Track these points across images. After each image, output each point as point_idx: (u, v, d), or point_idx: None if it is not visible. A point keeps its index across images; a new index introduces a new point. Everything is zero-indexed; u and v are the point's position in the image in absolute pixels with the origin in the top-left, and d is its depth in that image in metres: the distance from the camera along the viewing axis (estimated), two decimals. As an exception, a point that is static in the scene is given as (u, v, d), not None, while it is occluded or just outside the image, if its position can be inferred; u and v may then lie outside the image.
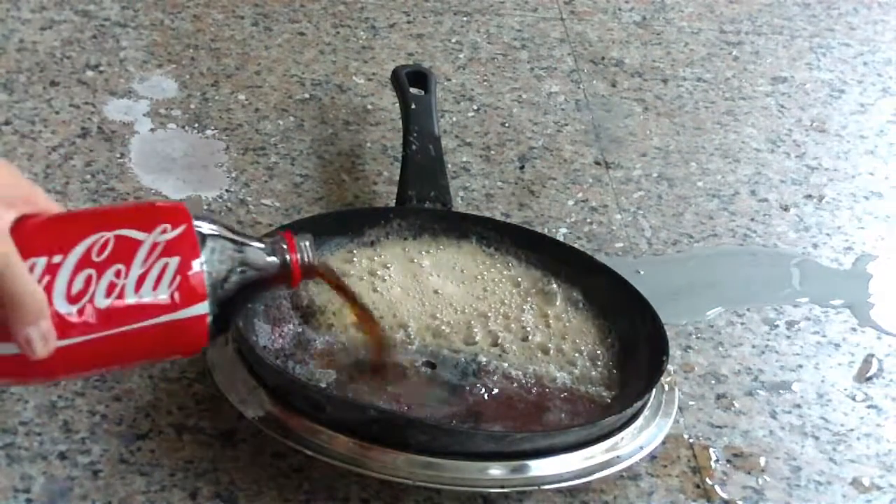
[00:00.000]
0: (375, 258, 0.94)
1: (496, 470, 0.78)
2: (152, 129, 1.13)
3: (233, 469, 0.80)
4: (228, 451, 0.81)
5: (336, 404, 0.80)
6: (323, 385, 0.83)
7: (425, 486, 0.79)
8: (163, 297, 0.66)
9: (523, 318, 0.91)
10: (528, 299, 0.93)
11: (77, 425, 0.82)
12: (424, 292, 0.92)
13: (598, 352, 0.90)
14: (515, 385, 0.86)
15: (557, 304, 0.93)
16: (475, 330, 0.89)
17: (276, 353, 0.86)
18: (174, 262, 0.66)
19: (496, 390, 0.85)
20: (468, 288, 0.93)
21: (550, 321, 0.91)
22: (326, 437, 0.78)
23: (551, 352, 0.89)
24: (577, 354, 0.89)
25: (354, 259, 0.94)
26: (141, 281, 0.66)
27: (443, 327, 0.89)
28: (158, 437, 0.82)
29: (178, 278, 0.66)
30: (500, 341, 0.89)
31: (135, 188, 1.05)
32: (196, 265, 0.67)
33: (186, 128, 1.14)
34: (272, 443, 0.80)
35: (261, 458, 0.81)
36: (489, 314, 0.91)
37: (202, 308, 0.67)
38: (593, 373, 0.88)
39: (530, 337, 0.89)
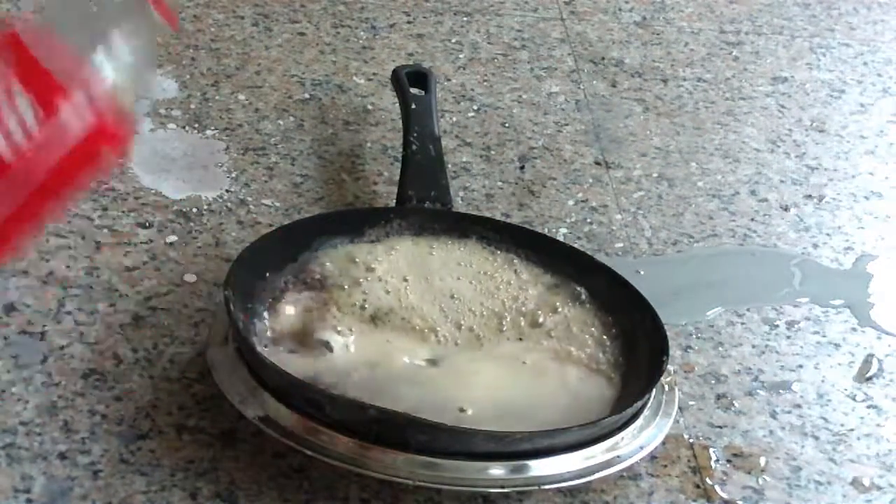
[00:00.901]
0: (378, 257, 0.94)
1: (496, 470, 0.79)
2: (152, 129, 1.14)
3: (233, 469, 0.80)
4: (229, 450, 0.81)
5: (336, 404, 0.80)
6: (323, 385, 0.83)
7: (425, 486, 0.79)
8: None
9: (529, 313, 0.91)
10: (533, 297, 0.93)
11: (77, 425, 0.82)
12: (431, 291, 0.92)
13: (605, 337, 0.90)
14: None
15: (560, 298, 0.93)
16: (483, 337, 0.90)
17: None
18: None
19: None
20: (474, 287, 0.93)
21: (558, 311, 0.92)
22: (327, 437, 0.78)
23: (556, 349, 0.89)
24: (587, 337, 0.89)
25: (356, 258, 0.94)
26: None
27: (460, 323, 0.90)
28: (159, 437, 0.82)
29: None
30: (504, 347, 0.89)
31: (135, 188, 1.05)
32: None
33: (186, 128, 1.15)
34: (272, 443, 0.80)
35: (261, 458, 0.81)
36: (505, 314, 0.91)
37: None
38: (601, 355, 0.88)
39: (539, 320, 0.90)
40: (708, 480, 0.85)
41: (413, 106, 1.10)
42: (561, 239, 1.05)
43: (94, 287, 0.94)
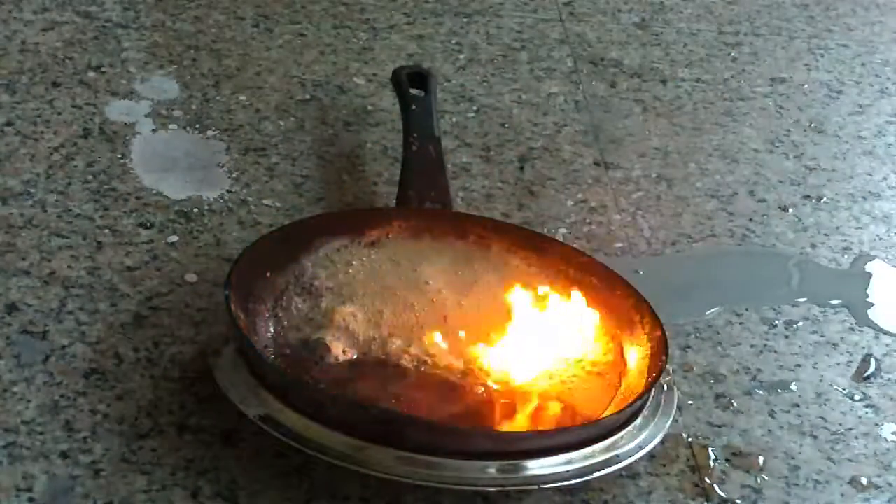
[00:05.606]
0: (375, 257, 0.95)
1: (496, 469, 0.79)
2: (154, 130, 1.14)
3: (234, 468, 0.80)
4: (229, 450, 0.82)
5: (337, 404, 0.80)
6: (323, 385, 0.84)
7: (425, 486, 0.79)
8: None
9: (524, 316, 0.92)
10: (532, 297, 0.93)
11: (79, 424, 0.82)
12: (424, 294, 0.93)
13: (604, 337, 0.90)
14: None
15: (557, 303, 0.93)
16: (482, 337, 0.90)
17: (278, 351, 0.86)
18: None
19: (496, 388, 0.86)
20: (468, 290, 0.94)
21: (551, 319, 0.92)
22: (327, 436, 0.78)
23: (555, 349, 0.89)
24: (587, 337, 0.90)
25: (354, 261, 0.94)
26: None
27: (445, 334, 0.90)
28: (160, 436, 0.82)
29: None
30: (503, 347, 0.89)
31: (136, 188, 1.06)
32: None
33: (188, 128, 1.15)
34: (273, 442, 0.80)
35: (262, 458, 0.81)
36: (503, 316, 0.91)
37: None
38: (600, 356, 0.89)
39: (536, 334, 0.90)
40: (707, 479, 0.85)
41: (413, 107, 1.10)
42: (560, 239, 1.05)
43: (96, 287, 0.94)
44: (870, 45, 1.47)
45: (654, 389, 0.86)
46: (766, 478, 0.86)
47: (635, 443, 0.83)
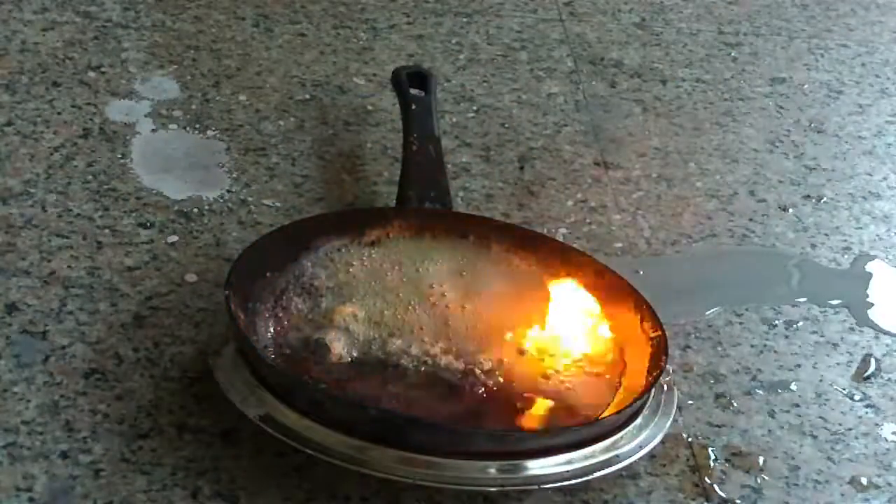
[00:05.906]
0: (375, 257, 0.95)
1: (496, 469, 0.79)
2: (154, 130, 1.14)
3: (234, 468, 0.80)
4: (229, 450, 0.82)
5: (337, 404, 0.80)
6: (323, 385, 0.84)
7: (425, 485, 0.79)
8: None
9: (523, 317, 0.92)
10: (531, 298, 0.93)
11: (79, 424, 0.82)
12: (424, 295, 0.93)
13: (604, 337, 0.90)
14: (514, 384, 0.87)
15: (557, 304, 0.93)
16: (482, 337, 0.90)
17: (278, 351, 0.86)
18: None
19: (496, 388, 0.86)
20: (468, 290, 0.94)
21: (550, 321, 0.92)
22: (327, 436, 0.78)
23: (555, 349, 0.89)
24: (587, 338, 0.89)
25: (354, 261, 0.94)
26: None
27: (447, 334, 0.90)
28: (160, 436, 0.82)
29: None
30: (503, 347, 0.89)
31: (136, 188, 1.06)
32: None
33: (188, 128, 1.15)
34: (273, 442, 0.80)
35: (262, 458, 0.81)
36: (491, 317, 0.91)
37: None
38: (600, 356, 0.89)
39: (536, 334, 0.90)
40: (707, 479, 0.85)
41: (413, 107, 1.10)
42: (560, 239, 1.05)
43: (96, 287, 0.94)
44: (870, 45, 1.47)
45: (654, 389, 0.86)
46: (766, 478, 0.86)
47: (635, 443, 0.83)
